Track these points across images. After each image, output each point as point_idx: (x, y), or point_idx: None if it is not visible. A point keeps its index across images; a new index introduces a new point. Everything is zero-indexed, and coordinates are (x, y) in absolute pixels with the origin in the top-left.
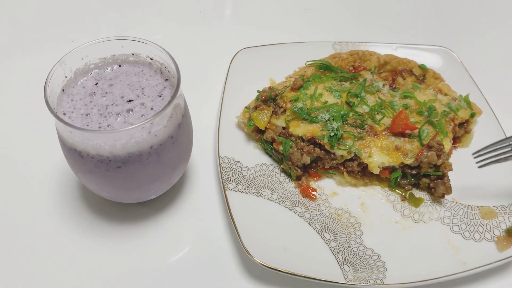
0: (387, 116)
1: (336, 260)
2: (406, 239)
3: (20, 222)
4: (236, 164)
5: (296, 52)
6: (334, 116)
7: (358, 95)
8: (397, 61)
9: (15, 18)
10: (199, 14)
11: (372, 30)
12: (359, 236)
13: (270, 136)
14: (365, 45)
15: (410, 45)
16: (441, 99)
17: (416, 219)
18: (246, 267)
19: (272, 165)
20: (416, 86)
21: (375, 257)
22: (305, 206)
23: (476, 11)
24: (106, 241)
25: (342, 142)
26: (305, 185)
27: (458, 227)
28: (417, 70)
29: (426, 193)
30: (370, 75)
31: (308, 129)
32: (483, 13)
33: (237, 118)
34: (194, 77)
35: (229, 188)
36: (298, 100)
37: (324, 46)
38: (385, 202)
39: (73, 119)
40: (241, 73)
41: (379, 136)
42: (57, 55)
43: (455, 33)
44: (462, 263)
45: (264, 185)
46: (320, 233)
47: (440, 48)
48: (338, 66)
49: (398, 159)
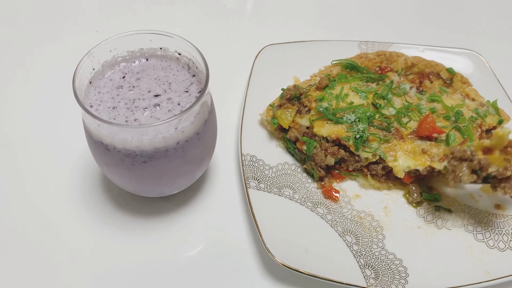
0: (413, 119)
1: (358, 263)
2: (429, 245)
3: (42, 211)
4: (258, 162)
5: (321, 50)
6: (360, 117)
7: (384, 97)
8: (424, 63)
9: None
10: (223, 8)
11: (399, 30)
12: (381, 240)
13: (293, 135)
14: (392, 45)
15: (438, 48)
16: (469, 104)
17: (439, 225)
18: (266, 267)
19: (294, 165)
20: (444, 90)
21: (397, 262)
22: (327, 207)
23: (506, 15)
24: (126, 233)
25: (368, 144)
26: (327, 186)
27: (482, 235)
28: (445, 73)
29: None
30: (397, 77)
31: (333, 129)
32: None
33: (261, 116)
34: (217, 73)
35: (251, 186)
36: (323, 100)
37: (349, 45)
38: (408, 207)
39: (100, 111)
40: (266, 70)
41: (405, 140)
42: (81, 46)
43: (484, 37)
44: (486, 272)
45: (286, 185)
46: (342, 236)
47: (468, 52)
48: (365, 66)
49: (424, 163)
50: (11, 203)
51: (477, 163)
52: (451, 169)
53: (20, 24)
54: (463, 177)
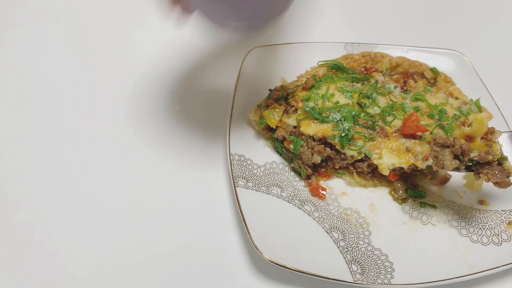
0: (398, 118)
1: (344, 259)
2: (414, 241)
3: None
4: (247, 161)
5: (308, 52)
6: (346, 116)
7: (369, 97)
8: (409, 63)
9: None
10: None
11: (384, 32)
12: (368, 236)
13: (281, 134)
14: (377, 46)
15: (422, 48)
16: (452, 103)
17: (424, 221)
18: (255, 264)
19: (282, 163)
20: (428, 89)
21: (383, 257)
22: (314, 205)
23: (488, 17)
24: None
25: (353, 142)
26: (314, 184)
27: (466, 230)
28: (429, 73)
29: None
30: (381, 77)
31: (319, 128)
32: (495, 18)
33: (248, 116)
34: (207, 75)
35: (239, 185)
36: (309, 100)
37: (336, 47)
38: (393, 204)
39: None
40: (253, 71)
41: (389, 138)
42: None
43: (467, 38)
44: (470, 266)
45: (273, 183)
46: (329, 232)
47: (451, 52)
48: (350, 67)
49: (409, 161)
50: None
51: (459, 147)
52: (434, 155)
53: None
54: (445, 163)
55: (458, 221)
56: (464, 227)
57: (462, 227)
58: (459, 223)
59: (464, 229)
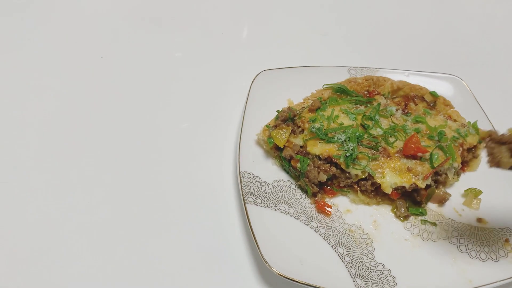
0: (399, 139)
1: (349, 273)
2: (415, 256)
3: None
4: (256, 179)
5: (314, 75)
6: (350, 137)
7: (372, 118)
8: (409, 87)
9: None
10: (221, 36)
11: (386, 57)
12: (371, 252)
13: (288, 153)
14: (379, 70)
15: (422, 73)
16: (451, 125)
17: (425, 238)
18: (263, 277)
19: (289, 181)
20: (427, 112)
21: (386, 272)
22: (320, 221)
23: (485, 43)
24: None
25: (357, 162)
26: (320, 201)
27: (465, 246)
28: (428, 96)
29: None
30: (384, 100)
31: (325, 148)
32: (492, 44)
33: (257, 136)
34: (216, 96)
35: (249, 202)
36: (315, 121)
37: (340, 71)
38: (396, 221)
39: None
40: (261, 93)
41: (392, 158)
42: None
43: (465, 63)
44: (468, 280)
45: (281, 200)
46: (335, 248)
47: (450, 77)
48: (354, 90)
49: (410, 180)
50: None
51: None
52: (489, 152)
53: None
54: (502, 160)
55: (458, 238)
56: (463, 244)
57: (461, 243)
58: (458, 240)
59: (463, 245)
